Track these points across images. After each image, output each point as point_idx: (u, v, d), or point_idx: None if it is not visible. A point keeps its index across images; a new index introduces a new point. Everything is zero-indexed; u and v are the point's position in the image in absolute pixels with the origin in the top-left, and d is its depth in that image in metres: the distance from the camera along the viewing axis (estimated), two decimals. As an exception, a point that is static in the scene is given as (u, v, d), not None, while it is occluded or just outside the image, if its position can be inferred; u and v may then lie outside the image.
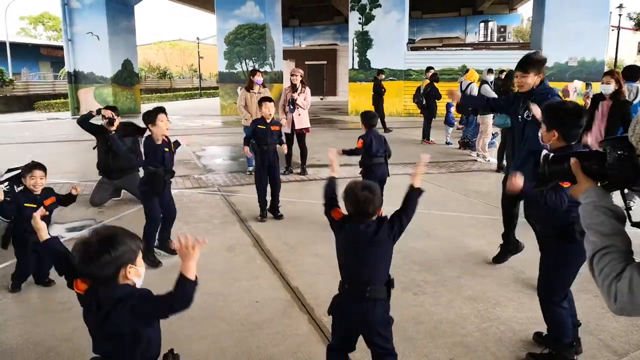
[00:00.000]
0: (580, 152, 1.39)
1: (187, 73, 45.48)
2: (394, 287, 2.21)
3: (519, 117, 3.56)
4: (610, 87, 4.77)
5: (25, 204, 3.37)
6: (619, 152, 1.26)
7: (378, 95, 12.44)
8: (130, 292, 1.63)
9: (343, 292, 2.21)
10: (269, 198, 5.20)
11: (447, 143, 10.28)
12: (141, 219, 5.28)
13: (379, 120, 6.23)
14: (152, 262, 3.90)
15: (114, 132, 5.21)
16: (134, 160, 5.62)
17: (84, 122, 5.54)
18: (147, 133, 4.01)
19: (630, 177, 1.26)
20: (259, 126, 5.16)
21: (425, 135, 10.61)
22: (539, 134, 2.46)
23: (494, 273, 3.79)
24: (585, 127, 2.60)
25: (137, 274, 1.64)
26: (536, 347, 2.73)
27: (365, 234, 2.11)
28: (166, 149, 3.96)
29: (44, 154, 8.64)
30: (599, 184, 1.35)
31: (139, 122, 4.68)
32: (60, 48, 31.57)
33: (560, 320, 2.54)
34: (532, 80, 3.47)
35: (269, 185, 5.17)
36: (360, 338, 2.24)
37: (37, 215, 1.91)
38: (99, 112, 5.45)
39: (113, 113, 5.27)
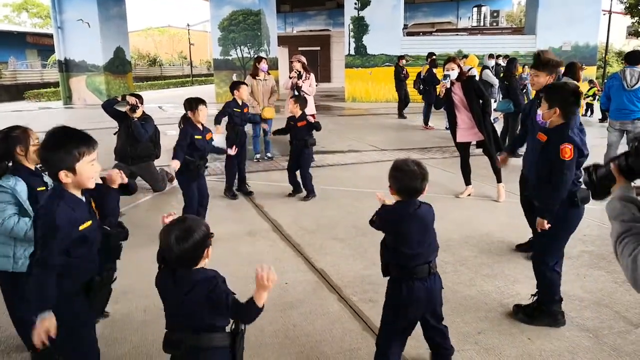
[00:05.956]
0: (615, 157, 1.51)
1: (177, 60, 44.91)
2: None
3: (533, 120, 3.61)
4: (455, 72, 5.16)
5: None
6: (636, 145, 1.42)
7: (399, 81, 12.18)
8: (210, 276, 1.76)
9: (407, 277, 2.19)
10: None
11: (447, 128, 10.39)
12: (157, 206, 5.38)
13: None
14: None
15: (136, 119, 5.26)
16: (152, 149, 5.67)
17: (109, 106, 5.53)
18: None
19: None
20: (235, 110, 5.55)
21: (425, 121, 10.73)
22: (539, 113, 2.74)
23: (508, 252, 3.96)
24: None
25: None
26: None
27: (429, 213, 2.23)
28: (199, 137, 4.14)
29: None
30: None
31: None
32: (48, 36, 31.02)
33: (552, 281, 2.83)
34: (544, 79, 3.54)
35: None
36: None
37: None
38: (123, 98, 5.48)
39: (137, 100, 5.32)
